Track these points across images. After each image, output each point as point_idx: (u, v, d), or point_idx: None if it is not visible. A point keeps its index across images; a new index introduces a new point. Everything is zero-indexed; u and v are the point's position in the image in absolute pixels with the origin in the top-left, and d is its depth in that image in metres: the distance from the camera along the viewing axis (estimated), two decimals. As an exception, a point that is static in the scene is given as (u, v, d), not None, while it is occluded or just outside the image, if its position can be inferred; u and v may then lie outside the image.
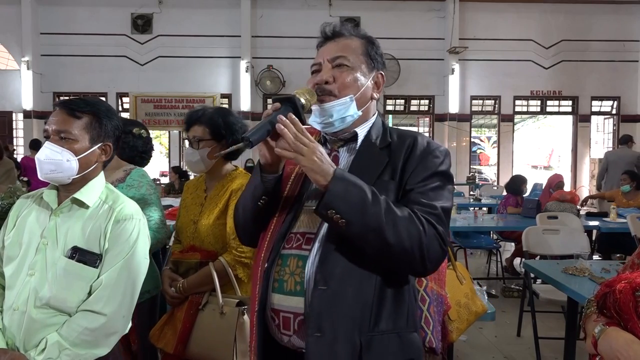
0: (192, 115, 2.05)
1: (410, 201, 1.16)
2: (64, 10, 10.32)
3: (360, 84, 1.27)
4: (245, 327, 1.78)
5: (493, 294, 5.03)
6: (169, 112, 10.41)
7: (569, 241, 3.75)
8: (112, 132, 1.52)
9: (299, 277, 1.17)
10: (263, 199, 1.23)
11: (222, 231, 1.97)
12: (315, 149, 1.11)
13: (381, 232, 1.09)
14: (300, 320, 1.16)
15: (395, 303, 1.18)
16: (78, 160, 1.44)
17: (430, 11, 10.67)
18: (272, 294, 1.20)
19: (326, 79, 1.25)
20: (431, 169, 1.20)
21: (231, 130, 2.02)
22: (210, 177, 2.10)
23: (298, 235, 1.22)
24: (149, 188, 2.09)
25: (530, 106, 11.28)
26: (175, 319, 1.94)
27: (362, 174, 1.17)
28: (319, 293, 1.12)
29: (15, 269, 1.45)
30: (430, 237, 1.12)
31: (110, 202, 1.50)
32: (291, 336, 1.18)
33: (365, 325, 1.13)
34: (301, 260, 1.18)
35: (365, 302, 1.14)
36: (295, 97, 1.17)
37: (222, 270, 1.89)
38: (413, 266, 1.14)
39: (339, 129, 1.27)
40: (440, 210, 1.16)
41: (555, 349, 3.50)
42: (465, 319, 1.84)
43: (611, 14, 10.84)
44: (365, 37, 1.32)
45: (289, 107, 1.15)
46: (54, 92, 10.42)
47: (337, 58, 1.26)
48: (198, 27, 10.41)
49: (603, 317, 1.22)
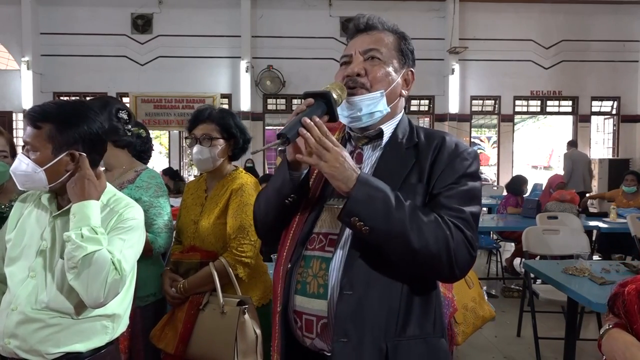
0: (200, 114, 2.05)
1: (438, 205, 1.13)
2: (64, 10, 10.32)
3: (391, 79, 1.23)
4: (246, 326, 1.78)
5: (493, 294, 5.04)
6: (169, 112, 10.40)
7: (569, 241, 3.75)
8: (80, 138, 1.43)
9: (322, 280, 1.15)
10: (291, 197, 1.20)
11: (222, 231, 1.96)
12: (338, 154, 1.08)
13: (406, 238, 1.07)
14: (324, 324, 1.15)
15: (422, 308, 1.16)
16: (44, 171, 1.39)
17: (430, 11, 10.68)
18: (294, 296, 1.18)
19: (358, 71, 1.21)
20: (459, 172, 1.16)
21: (241, 130, 2.05)
22: (211, 177, 2.11)
23: (321, 236, 1.20)
24: (157, 190, 2.04)
25: (530, 106, 11.27)
26: (176, 319, 1.94)
27: (389, 176, 1.16)
28: (344, 298, 1.11)
29: (17, 271, 1.45)
30: (458, 242, 1.09)
31: (112, 205, 1.48)
32: (314, 339, 1.17)
33: (392, 331, 1.12)
34: (324, 262, 1.16)
35: (392, 308, 1.12)
36: (329, 92, 1.13)
37: (222, 270, 1.89)
38: (441, 272, 1.12)
39: (366, 125, 1.23)
40: (468, 215, 1.13)
41: (555, 349, 3.51)
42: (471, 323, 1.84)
43: (611, 14, 10.83)
44: (398, 32, 1.29)
45: (322, 104, 1.12)
46: (54, 92, 10.41)
47: (370, 50, 1.23)
48: (198, 27, 10.40)
49: (614, 317, 1.23)
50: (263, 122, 10.74)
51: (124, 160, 2.10)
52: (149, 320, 2.00)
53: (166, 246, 2.07)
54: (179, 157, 11.88)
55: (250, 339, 1.79)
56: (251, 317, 1.81)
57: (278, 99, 10.82)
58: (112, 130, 2.00)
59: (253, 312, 1.84)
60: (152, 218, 2.00)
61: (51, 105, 1.45)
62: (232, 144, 2.05)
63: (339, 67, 1.27)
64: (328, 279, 1.14)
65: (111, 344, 1.50)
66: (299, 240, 1.21)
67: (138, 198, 1.99)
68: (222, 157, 2.04)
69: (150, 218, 1.99)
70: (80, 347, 1.42)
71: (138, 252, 1.51)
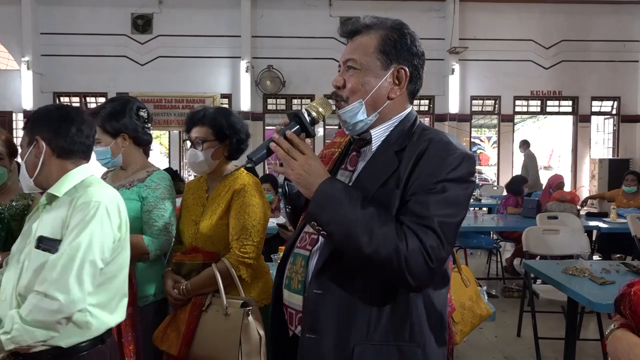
0: (194, 116, 2.03)
1: (404, 211, 1.10)
2: (64, 10, 10.31)
3: (369, 87, 1.21)
4: (250, 328, 1.78)
5: (493, 294, 5.04)
6: (169, 112, 10.40)
7: (569, 241, 3.76)
8: (42, 129, 1.51)
9: (301, 276, 1.23)
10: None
11: (224, 232, 1.96)
12: (304, 162, 1.14)
13: (357, 242, 1.06)
14: (299, 318, 1.22)
15: (397, 316, 1.14)
16: (25, 164, 1.53)
17: (430, 11, 10.67)
18: (283, 290, 1.28)
19: (336, 84, 1.24)
20: (437, 177, 1.10)
21: (234, 130, 2.01)
22: (211, 178, 2.10)
23: (307, 234, 1.28)
24: (165, 192, 2.05)
25: (530, 106, 11.27)
26: (178, 320, 1.93)
27: (367, 180, 1.18)
28: (314, 297, 1.16)
29: (10, 263, 1.52)
30: (413, 250, 1.05)
31: (79, 193, 1.49)
32: (294, 331, 1.25)
33: (360, 333, 1.13)
34: (303, 260, 1.24)
35: (361, 311, 1.13)
36: (300, 112, 1.20)
37: (225, 272, 1.88)
38: (394, 278, 1.10)
39: (360, 132, 1.26)
40: (435, 223, 1.07)
41: (556, 349, 3.51)
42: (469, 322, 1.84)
43: (611, 14, 10.83)
44: (391, 27, 1.24)
45: (295, 122, 1.20)
46: (54, 92, 10.42)
47: (347, 61, 1.23)
48: (198, 27, 10.40)
49: (621, 318, 1.23)
50: (263, 122, 10.74)
51: (139, 158, 2.14)
52: (148, 320, 1.99)
53: (163, 250, 2.06)
54: (179, 157, 11.85)
55: (254, 340, 1.78)
56: (255, 319, 1.81)
57: (278, 99, 10.82)
58: (132, 128, 2.08)
59: (257, 314, 1.84)
60: (153, 219, 2.00)
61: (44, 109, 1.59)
62: (227, 144, 2.02)
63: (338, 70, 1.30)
64: (306, 276, 1.22)
65: (101, 342, 1.49)
66: (294, 237, 1.32)
67: (144, 197, 2.01)
68: (217, 159, 2.02)
69: (152, 219, 1.99)
70: (60, 342, 1.41)
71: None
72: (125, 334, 1.87)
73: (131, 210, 1.97)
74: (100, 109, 2.08)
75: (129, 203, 1.97)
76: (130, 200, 1.99)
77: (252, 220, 1.92)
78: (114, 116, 2.05)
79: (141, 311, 1.97)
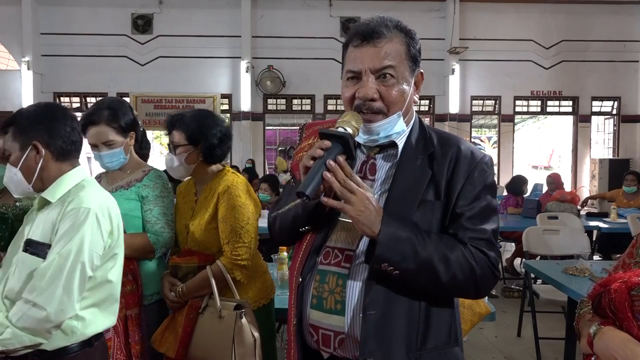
0: (171, 120, 2.04)
1: (461, 228, 1.13)
2: (64, 10, 10.31)
3: (406, 96, 1.16)
4: (244, 330, 1.79)
5: (493, 294, 5.03)
6: (169, 113, 10.38)
7: (570, 241, 3.76)
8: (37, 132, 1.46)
9: (339, 296, 1.14)
10: (306, 228, 1.22)
11: (214, 236, 1.95)
12: (363, 196, 1.07)
13: (434, 275, 1.09)
14: (341, 339, 1.15)
15: (440, 320, 1.17)
16: (20, 170, 1.46)
17: (431, 11, 10.67)
18: (310, 310, 1.18)
19: (372, 96, 1.13)
20: (479, 186, 1.14)
21: (205, 135, 1.96)
22: (197, 182, 2.10)
23: (336, 250, 1.18)
24: (163, 190, 2.06)
25: (530, 106, 11.27)
26: (176, 323, 1.94)
27: (406, 195, 1.14)
28: (368, 318, 1.10)
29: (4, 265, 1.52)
30: (483, 267, 1.12)
31: (71, 197, 1.47)
32: (332, 353, 1.18)
33: (414, 345, 1.13)
34: (341, 279, 1.15)
35: (412, 322, 1.13)
36: (347, 134, 1.09)
37: (219, 274, 1.89)
38: (467, 296, 1.18)
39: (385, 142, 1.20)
40: (490, 234, 1.14)
41: (556, 349, 3.50)
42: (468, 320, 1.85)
43: (611, 14, 10.83)
44: (404, 30, 1.18)
45: (339, 145, 1.08)
46: (55, 93, 10.42)
47: (382, 69, 1.13)
48: (198, 27, 10.40)
49: (598, 317, 1.21)
50: (263, 122, 10.75)
51: (135, 158, 2.14)
52: (151, 318, 2.00)
53: (167, 246, 2.07)
54: (179, 157, 11.85)
55: (248, 342, 1.79)
56: (249, 321, 1.81)
57: (278, 99, 10.82)
58: (137, 126, 2.11)
59: (250, 316, 1.84)
60: (156, 217, 2.01)
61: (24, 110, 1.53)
62: (201, 149, 1.98)
63: (340, 74, 1.21)
64: (346, 296, 1.14)
65: (89, 345, 1.48)
66: (311, 252, 1.20)
67: (144, 196, 2.01)
68: (193, 163, 2.00)
69: (154, 217, 2.00)
70: (45, 346, 1.40)
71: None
72: (133, 335, 1.89)
73: (132, 210, 1.98)
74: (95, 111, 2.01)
75: (129, 203, 1.98)
76: (130, 200, 1.99)
77: (240, 221, 1.90)
78: (124, 114, 2.05)
79: (145, 309, 1.98)
